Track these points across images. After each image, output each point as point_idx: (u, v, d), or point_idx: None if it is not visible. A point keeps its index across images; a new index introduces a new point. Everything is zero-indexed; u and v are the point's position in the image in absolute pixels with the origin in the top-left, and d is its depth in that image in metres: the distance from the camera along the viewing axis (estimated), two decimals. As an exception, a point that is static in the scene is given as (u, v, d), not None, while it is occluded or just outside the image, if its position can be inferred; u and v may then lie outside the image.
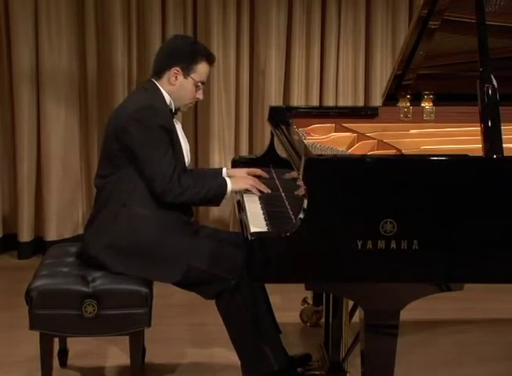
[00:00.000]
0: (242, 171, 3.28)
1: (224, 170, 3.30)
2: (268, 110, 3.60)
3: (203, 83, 3.05)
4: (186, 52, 2.99)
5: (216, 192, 2.98)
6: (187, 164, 3.09)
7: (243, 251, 2.41)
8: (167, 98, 3.00)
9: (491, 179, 2.35)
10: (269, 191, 3.05)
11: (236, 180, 3.05)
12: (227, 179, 3.02)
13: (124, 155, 2.90)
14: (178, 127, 3.07)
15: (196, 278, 2.90)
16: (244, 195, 3.09)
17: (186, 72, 2.99)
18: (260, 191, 3.04)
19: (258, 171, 3.26)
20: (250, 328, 2.93)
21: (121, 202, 2.91)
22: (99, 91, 4.86)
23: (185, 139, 3.11)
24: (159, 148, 2.87)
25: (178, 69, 2.98)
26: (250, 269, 2.33)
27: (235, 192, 3.05)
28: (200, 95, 3.06)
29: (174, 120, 3.05)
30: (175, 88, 3.00)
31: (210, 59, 3.05)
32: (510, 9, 3.10)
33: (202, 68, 3.02)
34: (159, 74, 3.01)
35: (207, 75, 3.07)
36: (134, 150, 2.87)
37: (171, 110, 3.02)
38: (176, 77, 2.98)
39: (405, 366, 2.99)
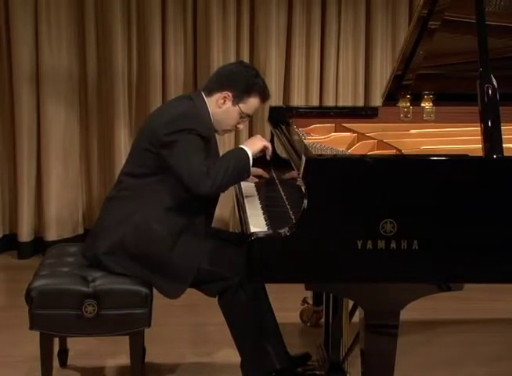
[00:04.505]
0: None
1: None
2: (268, 110, 3.60)
3: (248, 116, 3.02)
4: (244, 82, 2.94)
5: (242, 165, 2.87)
6: None
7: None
8: (211, 117, 2.96)
9: (491, 179, 2.35)
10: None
11: (250, 145, 2.95)
12: (244, 147, 2.92)
13: (156, 157, 2.86)
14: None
15: (200, 277, 2.90)
16: (244, 195, 3.09)
17: (236, 100, 2.94)
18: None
19: (260, 171, 3.27)
20: (253, 327, 2.93)
21: (135, 210, 2.89)
22: (98, 91, 4.86)
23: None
24: (192, 148, 2.80)
25: (229, 94, 2.93)
26: (250, 269, 2.34)
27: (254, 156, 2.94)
28: (241, 125, 3.03)
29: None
30: (220, 111, 2.95)
31: (264, 97, 3.01)
32: (510, 9, 3.10)
33: (253, 102, 2.97)
34: (210, 92, 2.97)
35: (255, 110, 3.04)
36: (167, 148, 2.81)
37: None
38: (224, 101, 2.94)
39: (405, 366, 2.98)
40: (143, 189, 2.90)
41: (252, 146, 2.94)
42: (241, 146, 2.96)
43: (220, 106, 2.95)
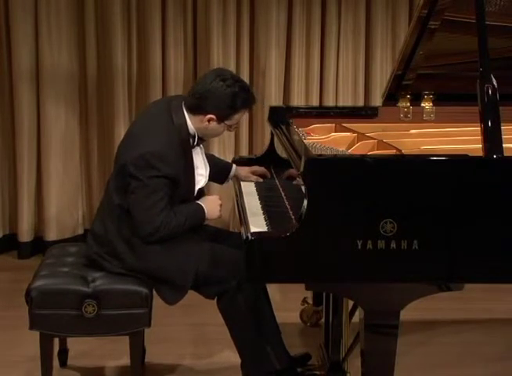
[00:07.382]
0: (246, 170, 3.34)
1: (234, 167, 3.34)
2: (268, 110, 3.60)
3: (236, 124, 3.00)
4: (226, 103, 2.85)
5: (195, 223, 2.95)
6: (203, 185, 3.03)
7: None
8: (192, 129, 2.91)
9: (491, 179, 2.35)
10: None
11: (210, 210, 2.96)
12: (204, 208, 2.94)
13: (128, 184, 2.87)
14: (200, 152, 3.01)
15: (198, 279, 2.90)
16: (244, 195, 3.09)
17: (221, 119, 2.90)
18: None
19: (262, 170, 3.29)
20: (252, 328, 2.93)
21: (127, 227, 2.89)
22: (98, 91, 4.86)
23: (207, 165, 3.03)
24: (155, 194, 2.79)
25: (213, 117, 2.88)
26: (250, 269, 2.34)
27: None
28: (229, 130, 3.02)
29: (199, 147, 2.99)
30: (206, 130, 2.93)
31: (249, 106, 2.98)
32: (510, 9, 3.10)
33: (239, 116, 2.94)
34: (192, 111, 2.90)
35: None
36: (131, 186, 2.82)
37: (194, 137, 2.93)
38: (209, 121, 2.90)
39: (405, 366, 2.98)
40: (128, 208, 2.88)
41: (210, 213, 2.96)
42: (202, 205, 2.94)
43: (206, 127, 2.91)
